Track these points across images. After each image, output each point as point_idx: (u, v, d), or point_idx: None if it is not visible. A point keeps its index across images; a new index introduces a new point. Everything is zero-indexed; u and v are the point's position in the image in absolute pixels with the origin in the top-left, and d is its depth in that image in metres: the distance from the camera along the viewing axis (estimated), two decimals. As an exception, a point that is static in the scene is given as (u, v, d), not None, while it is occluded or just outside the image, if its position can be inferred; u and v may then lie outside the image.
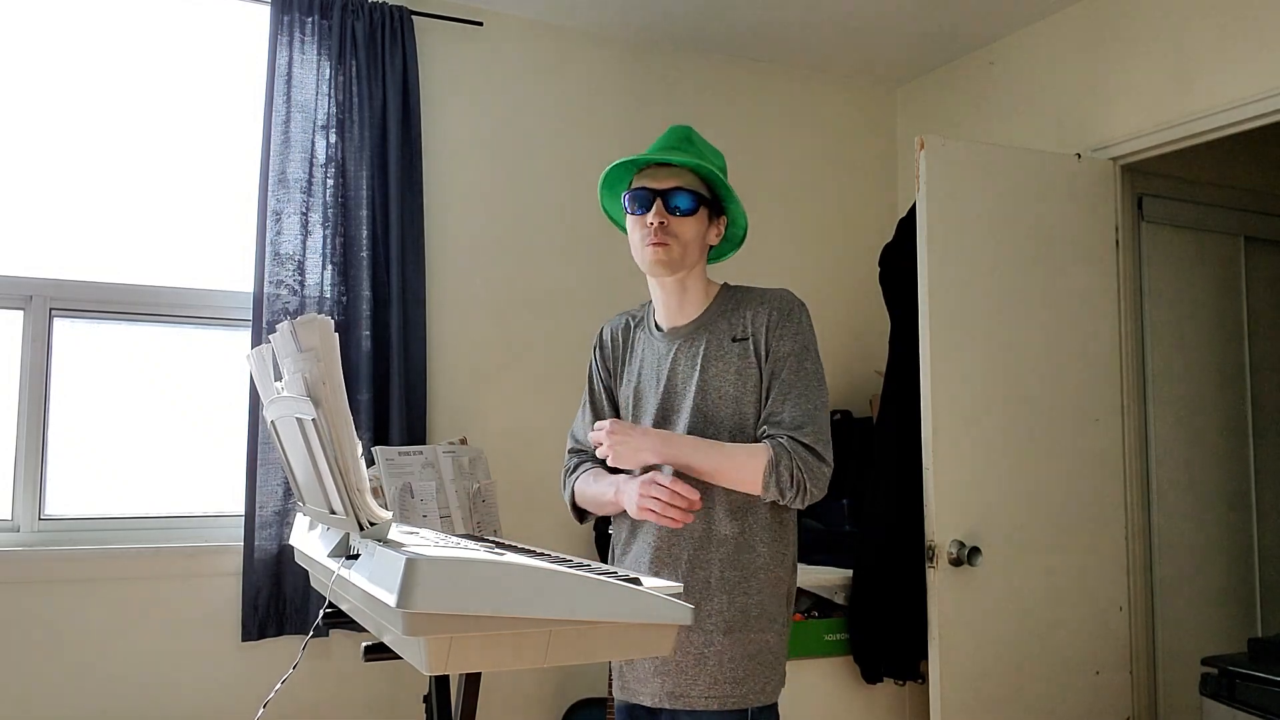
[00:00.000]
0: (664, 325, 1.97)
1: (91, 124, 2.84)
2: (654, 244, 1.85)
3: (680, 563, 1.85)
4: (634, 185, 1.92)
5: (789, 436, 1.79)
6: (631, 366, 1.99)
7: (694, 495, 1.75)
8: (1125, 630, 2.96)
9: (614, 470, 1.94)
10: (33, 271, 2.74)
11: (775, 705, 1.87)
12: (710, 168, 1.86)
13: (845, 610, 2.84)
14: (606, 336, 2.06)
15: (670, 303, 1.94)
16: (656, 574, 1.85)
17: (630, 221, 1.92)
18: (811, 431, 1.80)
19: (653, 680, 1.84)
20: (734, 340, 1.88)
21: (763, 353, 1.86)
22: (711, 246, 1.97)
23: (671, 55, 3.53)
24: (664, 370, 1.92)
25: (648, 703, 1.87)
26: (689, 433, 1.86)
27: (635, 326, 2.03)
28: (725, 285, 1.98)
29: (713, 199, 1.92)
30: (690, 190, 1.86)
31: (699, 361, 1.88)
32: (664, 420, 1.90)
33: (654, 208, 1.85)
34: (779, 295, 1.91)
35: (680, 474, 1.80)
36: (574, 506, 2.05)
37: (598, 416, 2.05)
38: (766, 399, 1.85)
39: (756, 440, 1.83)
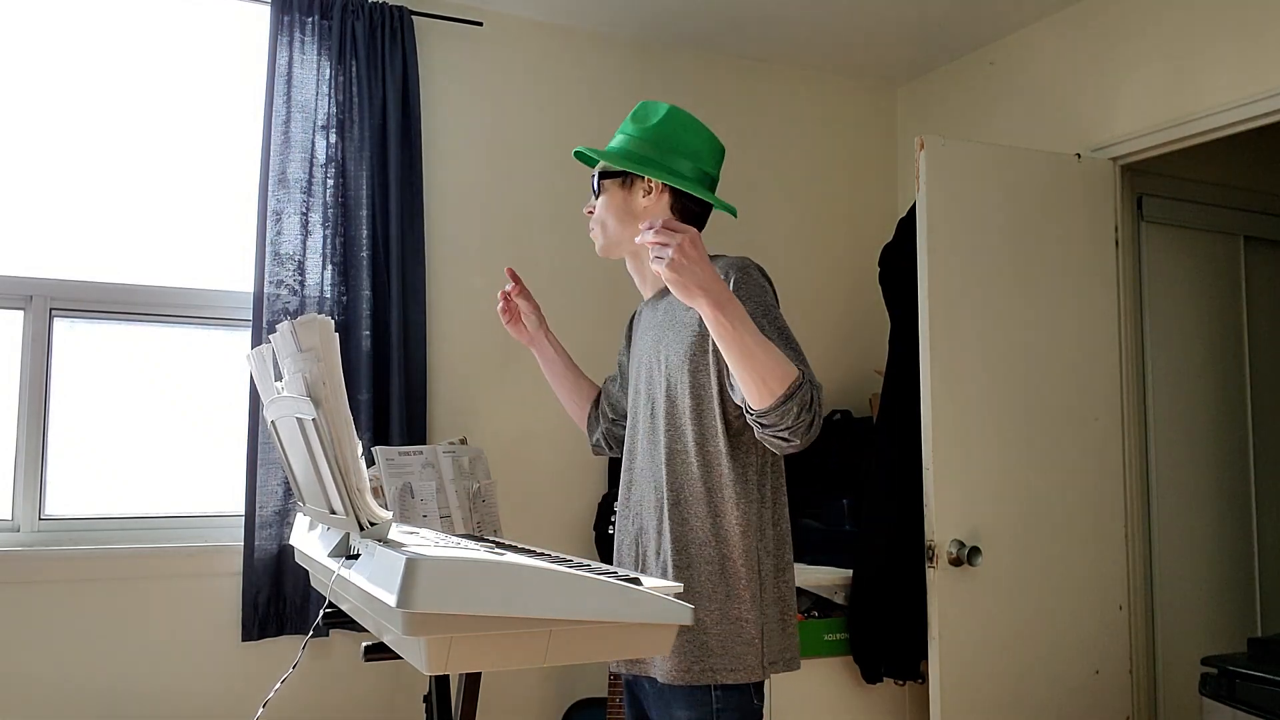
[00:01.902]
0: (644, 299, 2.00)
1: (92, 124, 2.84)
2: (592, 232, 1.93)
3: (647, 534, 1.84)
4: None
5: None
6: (634, 343, 2.02)
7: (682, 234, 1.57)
8: (1125, 630, 2.96)
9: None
10: (33, 271, 2.74)
11: (749, 686, 1.74)
12: (591, 153, 1.88)
13: (845, 610, 2.83)
14: (633, 315, 2.12)
15: (635, 277, 1.97)
16: (635, 529, 1.87)
17: None
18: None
19: None
20: (687, 309, 1.79)
21: None
22: (678, 206, 1.85)
23: (671, 55, 3.53)
24: (646, 341, 1.93)
25: (620, 670, 1.88)
26: (662, 397, 1.83)
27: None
28: None
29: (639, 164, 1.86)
30: (603, 171, 1.89)
31: (663, 331, 1.87)
32: (648, 388, 1.89)
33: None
34: (733, 260, 1.81)
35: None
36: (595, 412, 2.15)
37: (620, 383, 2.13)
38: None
39: (713, 412, 1.76)
